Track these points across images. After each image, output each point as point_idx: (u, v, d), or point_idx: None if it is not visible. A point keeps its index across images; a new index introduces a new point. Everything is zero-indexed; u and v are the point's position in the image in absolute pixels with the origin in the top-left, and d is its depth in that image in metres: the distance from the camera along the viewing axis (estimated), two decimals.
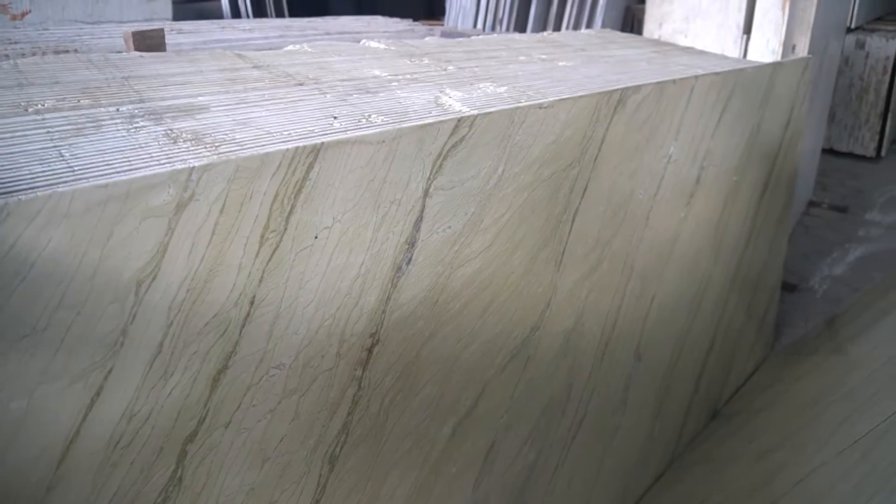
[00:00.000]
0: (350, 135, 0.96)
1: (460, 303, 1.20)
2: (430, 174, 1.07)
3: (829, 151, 5.04)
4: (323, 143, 0.92)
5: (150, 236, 0.77)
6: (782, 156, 2.31)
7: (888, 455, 1.37)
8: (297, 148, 0.89)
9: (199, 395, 0.86)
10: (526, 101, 1.35)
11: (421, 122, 1.05)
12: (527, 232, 1.29)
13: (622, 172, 1.52)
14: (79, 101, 1.12)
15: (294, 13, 5.36)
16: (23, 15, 3.32)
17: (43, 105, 1.08)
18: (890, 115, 4.86)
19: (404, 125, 1.03)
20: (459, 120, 1.09)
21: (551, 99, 1.28)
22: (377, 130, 0.99)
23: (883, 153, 5.05)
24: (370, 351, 1.06)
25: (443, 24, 5.06)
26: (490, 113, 1.15)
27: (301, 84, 1.37)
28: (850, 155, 5.09)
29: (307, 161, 0.90)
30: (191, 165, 0.80)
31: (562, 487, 1.65)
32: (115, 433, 0.79)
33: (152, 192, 0.76)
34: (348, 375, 1.04)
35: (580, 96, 1.33)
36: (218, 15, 5.44)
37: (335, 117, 1.15)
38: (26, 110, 1.05)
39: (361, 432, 1.08)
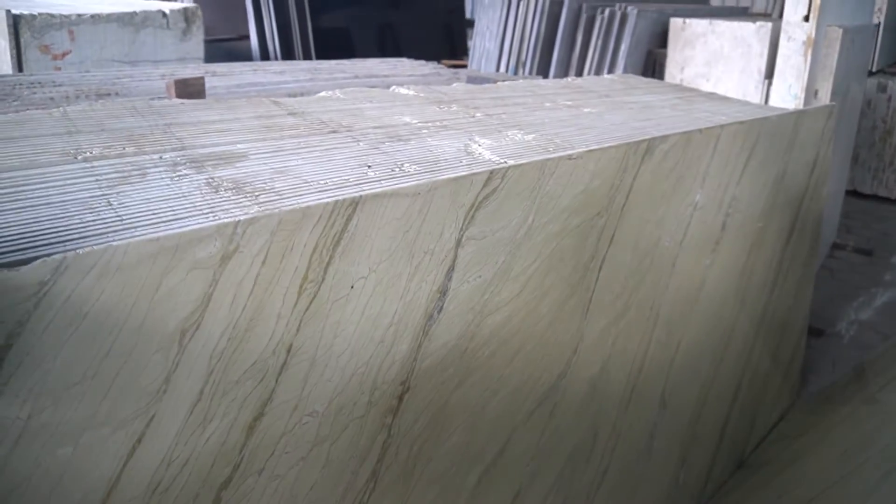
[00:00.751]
0: (387, 187, 0.99)
1: (489, 350, 1.20)
2: (463, 225, 1.09)
3: (852, 193, 5.01)
4: (362, 196, 0.94)
5: (195, 287, 0.79)
6: (808, 200, 2.31)
7: None
8: (336, 201, 0.92)
9: (235, 442, 0.87)
10: (554, 150, 1.37)
11: (454, 175, 1.07)
12: (555, 280, 1.31)
13: (649, 220, 1.53)
14: (124, 148, 1.17)
15: (320, 53, 5.51)
16: (63, 55, 3.46)
17: (91, 153, 1.13)
18: None
19: (439, 178, 1.05)
20: (492, 172, 1.12)
21: (581, 150, 1.30)
22: (413, 183, 1.01)
23: None
24: (401, 398, 1.07)
25: (466, 65, 5.17)
26: (522, 165, 1.17)
27: (335, 131, 1.41)
28: (875, 197, 5.05)
29: (346, 213, 0.93)
30: (236, 219, 0.82)
31: None
32: (154, 479, 0.80)
33: (200, 245, 0.79)
34: (379, 423, 1.04)
35: (609, 147, 1.36)
36: (247, 54, 5.61)
37: (369, 166, 1.18)
38: (76, 158, 1.09)
39: (390, 480, 1.08)
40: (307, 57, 5.46)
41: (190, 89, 1.53)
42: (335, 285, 0.93)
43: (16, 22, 3.21)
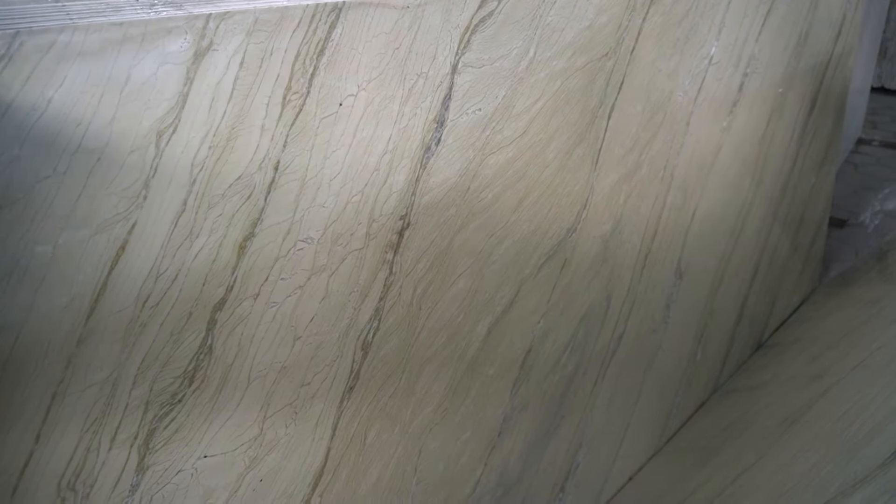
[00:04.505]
0: None
1: (493, 193, 1.15)
2: (458, 48, 1.02)
3: (880, 90, 4.79)
4: (345, 1, 0.88)
5: (168, 84, 0.74)
6: (832, 71, 2.19)
7: None
8: (318, 4, 0.85)
9: (226, 261, 0.84)
10: None
11: None
12: (561, 123, 1.24)
13: (660, 69, 1.45)
14: None
15: None
16: None
17: None
18: None
19: None
20: None
21: None
22: None
23: None
24: (401, 234, 1.03)
25: None
26: None
27: None
28: None
29: (329, 20, 0.86)
30: (209, 12, 0.77)
31: (602, 404, 1.61)
32: (142, 291, 0.77)
33: (169, 37, 0.74)
34: (379, 258, 1.01)
35: None
36: None
37: None
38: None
39: (394, 320, 1.06)
40: None
41: None
42: (322, 100, 0.88)
43: None
